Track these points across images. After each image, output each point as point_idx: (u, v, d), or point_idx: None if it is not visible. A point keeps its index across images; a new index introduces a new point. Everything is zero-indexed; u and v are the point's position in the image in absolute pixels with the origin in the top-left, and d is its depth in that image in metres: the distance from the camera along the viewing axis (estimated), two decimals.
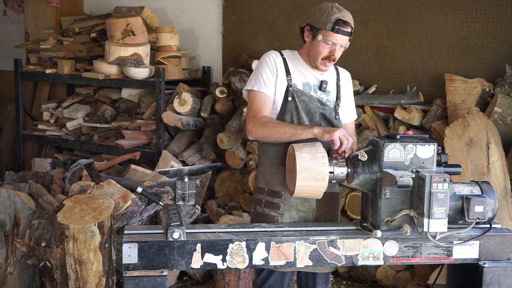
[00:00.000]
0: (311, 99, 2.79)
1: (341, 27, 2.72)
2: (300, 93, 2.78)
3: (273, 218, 2.79)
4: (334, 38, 2.72)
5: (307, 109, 2.78)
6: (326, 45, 2.74)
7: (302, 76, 2.82)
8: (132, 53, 4.93)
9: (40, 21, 6.26)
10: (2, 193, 3.54)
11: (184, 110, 4.87)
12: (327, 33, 2.72)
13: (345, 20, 2.73)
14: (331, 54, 2.75)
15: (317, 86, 2.83)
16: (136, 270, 2.23)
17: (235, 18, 5.23)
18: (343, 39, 2.75)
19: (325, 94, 2.84)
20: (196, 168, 2.54)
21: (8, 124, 6.40)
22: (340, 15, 2.72)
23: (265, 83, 2.77)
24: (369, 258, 2.37)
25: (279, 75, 2.78)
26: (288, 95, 2.76)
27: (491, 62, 4.18)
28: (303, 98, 2.78)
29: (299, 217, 2.79)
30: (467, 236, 2.35)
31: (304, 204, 2.79)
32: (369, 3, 4.62)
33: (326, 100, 2.83)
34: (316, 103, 2.80)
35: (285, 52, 2.88)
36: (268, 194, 2.82)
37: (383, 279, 4.35)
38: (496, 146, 3.72)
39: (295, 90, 2.77)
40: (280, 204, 2.79)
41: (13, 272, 3.57)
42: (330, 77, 2.90)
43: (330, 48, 2.75)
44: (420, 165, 2.33)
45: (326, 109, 2.82)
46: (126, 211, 3.68)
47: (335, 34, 2.72)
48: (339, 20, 2.71)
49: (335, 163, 2.45)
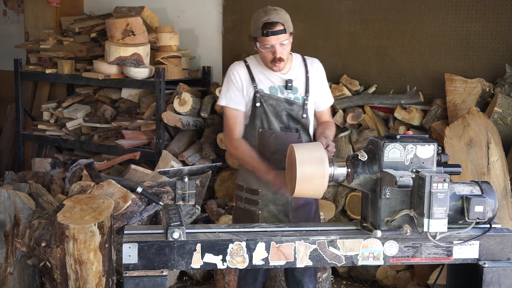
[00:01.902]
0: (278, 101, 2.92)
1: (270, 29, 2.81)
2: (268, 97, 2.92)
3: (254, 213, 3.02)
4: (267, 41, 2.83)
5: (275, 111, 2.92)
6: (266, 49, 2.86)
7: (267, 80, 2.94)
8: (132, 53, 4.93)
9: (40, 21, 6.26)
10: (2, 193, 3.54)
11: (184, 110, 4.87)
12: (261, 39, 2.83)
13: (272, 21, 2.81)
14: (274, 55, 2.86)
15: (283, 86, 2.95)
16: (136, 270, 2.23)
17: (235, 18, 5.23)
18: (277, 38, 2.83)
19: (293, 92, 2.95)
20: (196, 168, 2.54)
21: (8, 124, 6.40)
22: (265, 18, 2.82)
23: (232, 97, 2.95)
24: (369, 258, 2.37)
25: (244, 85, 2.94)
26: (256, 101, 2.91)
27: (491, 62, 4.18)
28: (270, 102, 2.92)
29: (277, 210, 3.01)
30: (467, 236, 2.35)
31: (280, 198, 2.98)
32: (369, 3, 4.62)
33: (294, 98, 2.95)
34: (283, 105, 2.93)
35: (249, 59, 3.02)
36: (247, 192, 3.04)
37: (383, 279, 4.35)
38: (496, 146, 3.73)
39: (262, 95, 2.92)
40: (258, 201, 3.01)
41: (13, 272, 3.57)
42: (298, 72, 3.00)
43: (270, 50, 2.85)
44: (420, 165, 2.32)
45: (294, 108, 2.94)
46: (126, 211, 3.68)
47: (266, 37, 2.82)
48: (266, 23, 2.81)
49: (335, 163, 2.45)
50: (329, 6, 4.78)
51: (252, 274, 3.10)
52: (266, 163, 2.90)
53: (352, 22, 4.70)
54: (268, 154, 2.94)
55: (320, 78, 3.08)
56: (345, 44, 4.75)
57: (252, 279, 3.11)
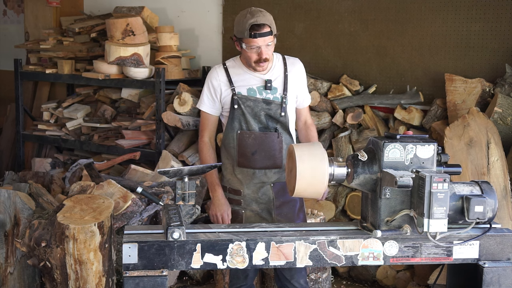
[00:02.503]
0: (256, 102, 3.01)
1: (257, 31, 2.89)
2: (245, 99, 3.01)
3: (238, 212, 3.14)
4: (254, 42, 2.91)
5: (253, 112, 3.02)
6: (251, 50, 2.94)
7: (246, 82, 3.04)
8: (132, 53, 4.93)
9: (40, 21, 6.26)
10: (2, 193, 3.54)
11: (184, 110, 4.87)
12: (247, 40, 2.92)
13: (259, 24, 2.89)
14: (260, 56, 2.94)
15: (262, 86, 3.04)
16: (136, 270, 2.23)
17: (235, 18, 5.22)
18: (264, 40, 2.91)
19: (272, 92, 3.04)
20: (196, 168, 2.54)
21: (8, 124, 6.40)
22: (252, 20, 2.89)
23: (205, 102, 3.11)
24: (369, 258, 2.37)
25: (222, 88, 3.05)
26: (234, 103, 3.02)
27: (491, 62, 4.18)
28: (248, 103, 3.02)
29: (261, 209, 3.12)
30: (467, 236, 2.35)
31: (262, 197, 3.09)
32: (369, 3, 4.62)
33: (273, 97, 3.03)
34: (261, 105, 3.02)
35: (228, 62, 3.12)
36: (230, 192, 3.16)
37: (383, 279, 4.35)
38: (496, 146, 3.73)
39: (239, 97, 3.01)
40: (241, 200, 3.12)
41: (13, 272, 3.57)
42: (277, 71, 3.07)
43: (257, 51, 2.94)
44: (420, 165, 2.32)
45: (271, 107, 3.03)
46: (126, 211, 3.68)
47: (253, 39, 2.90)
48: (253, 25, 2.89)
49: (335, 163, 2.45)
50: (329, 6, 4.78)
51: (242, 271, 3.14)
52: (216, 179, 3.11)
53: (352, 22, 4.70)
54: (248, 155, 3.04)
55: (300, 78, 3.15)
56: (345, 44, 4.75)
57: (243, 275, 3.17)
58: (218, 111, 3.12)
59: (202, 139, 3.17)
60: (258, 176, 3.08)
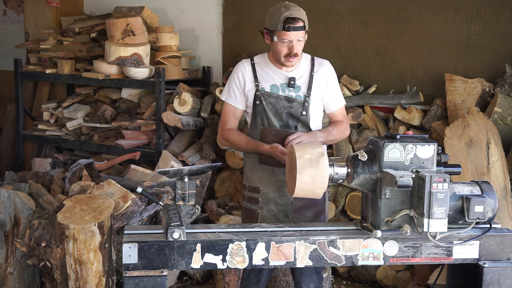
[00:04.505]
0: (278, 99, 2.99)
1: (291, 24, 2.87)
2: (268, 96, 3.00)
3: (254, 212, 3.07)
4: (287, 36, 2.89)
5: (274, 109, 3.00)
6: (283, 44, 2.91)
7: (270, 78, 3.02)
8: (132, 53, 4.93)
9: (40, 21, 6.26)
10: (2, 193, 3.54)
11: (184, 110, 4.87)
12: (280, 33, 2.89)
13: (294, 17, 2.88)
14: (291, 50, 2.92)
15: (285, 84, 3.01)
16: (136, 270, 2.23)
17: (235, 18, 5.23)
18: (297, 34, 2.90)
19: (294, 90, 3.01)
20: (196, 168, 2.54)
21: (8, 124, 6.40)
22: (288, 13, 2.88)
23: (231, 95, 3.08)
24: (369, 258, 2.37)
25: (247, 84, 3.04)
26: (256, 99, 3.00)
27: (491, 62, 4.18)
28: (270, 100, 3.00)
29: (278, 210, 3.05)
30: (467, 236, 2.35)
31: (281, 197, 3.02)
32: (369, 3, 4.62)
33: (295, 96, 3.00)
34: (283, 102, 2.99)
35: (256, 57, 3.10)
36: (249, 190, 3.10)
37: (383, 279, 4.35)
38: (496, 146, 3.73)
39: (262, 93, 3.00)
40: (259, 199, 3.06)
41: (13, 272, 3.57)
42: (303, 70, 3.04)
43: (288, 45, 2.92)
44: (420, 165, 2.32)
45: (293, 106, 2.99)
46: (126, 211, 3.68)
47: (287, 32, 2.88)
48: (288, 18, 2.87)
49: (335, 163, 2.45)
50: (329, 6, 4.78)
51: (255, 275, 3.11)
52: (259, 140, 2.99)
53: (352, 22, 4.70)
54: None
55: (328, 79, 3.09)
56: (345, 44, 4.75)
57: (255, 279, 3.12)
58: (241, 104, 3.08)
59: (224, 128, 3.10)
60: (277, 174, 3.01)
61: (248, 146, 3.02)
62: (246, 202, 3.12)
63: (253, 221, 3.04)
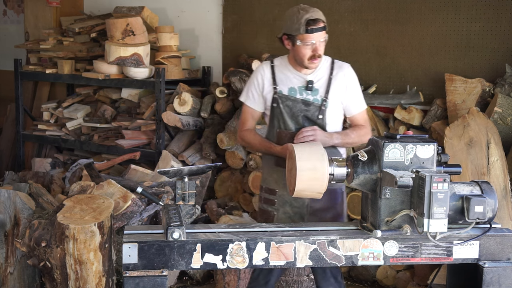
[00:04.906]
0: (295, 103, 2.98)
1: (313, 25, 2.87)
2: (285, 99, 2.98)
3: (270, 213, 3.06)
4: (310, 38, 2.88)
5: (291, 113, 2.98)
6: (306, 47, 2.90)
7: (288, 81, 3.01)
8: (132, 53, 4.93)
9: (40, 21, 6.26)
10: (2, 193, 3.54)
11: (184, 110, 4.87)
12: (303, 36, 2.88)
13: (314, 18, 2.87)
14: (315, 52, 2.91)
15: (303, 87, 3.00)
16: (136, 270, 2.23)
17: (235, 18, 5.23)
18: (319, 35, 2.90)
19: (312, 94, 2.99)
20: (196, 168, 2.54)
21: (8, 124, 6.40)
22: (308, 15, 2.87)
23: (250, 97, 3.09)
24: (369, 258, 2.37)
25: (265, 86, 3.03)
26: (274, 102, 3.00)
27: (491, 62, 4.18)
28: (287, 103, 2.98)
29: (293, 212, 3.03)
30: (467, 236, 2.35)
31: (297, 200, 2.99)
32: (369, 3, 4.62)
33: (313, 99, 2.97)
34: (299, 106, 2.97)
35: (276, 60, 3.09)
36: (266, 192, 3.10)
37: (383, 279, 4.35)
38: (496, 146, 3.73)
39: (280, 96, 2.99)
40: (275, 201, 3.05)
41: (13, 272, 3.57)
42: (321, 73, 3.02)
43: (312, 47, 2.91)
44: (420, 165, 2.32)
45: (310, 109, 2.97)
46: (126, 211, 3.68)
47: (310, 34, 2.87)
48: (309, 20, 2.86)
49: (335, 163, 2.45)
50: (329, 6, 4.78)
51: (263, 276, 3.09)
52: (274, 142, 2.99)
53: (352, 22, 4.70)
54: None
55: (348, 83, 3.05)
56: (345, 44, 4.74)
57: (263, 280, 3.10)
58: (259, 106, 3.09)
59: (242, 129, 3.12)
60: None
61: (261, 147, 3.04)
62: (262, 203, 3.11)
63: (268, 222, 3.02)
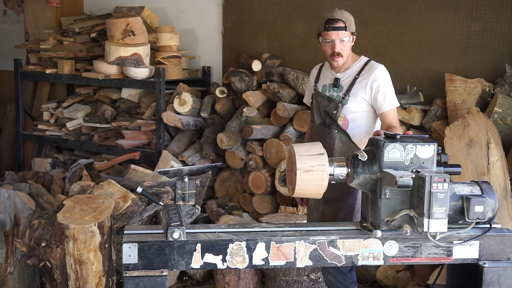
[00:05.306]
0: (323, 98, 3.18)
1: (331, 24, 3.03)
2: (317, 95, 3.21)
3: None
4: (328, 36, 3.05)
5: (318, 107, 3.19)
6: (326, 44, 3.08)
7: (325, 79, 3.23)
8: (132, 53, 4.93)
9: (40, 21, 6.26)
10: (2, 193, 3.54)
11: (184, 110, 4.87)
12: (323, 33, 3.07)
13: (334, 18, 3.04)
14: (333, 50, 3.06)
15: (332, 84, 3.18)
16: (136, 270, 2.23)
17: (235, 18, 5.23)
18: (337, 34, 3.04)
19: (337, 91, 3.15)
20: (196, 168, 2.54)
21: (8, 124, 6.40)
22: (329, 15, 3.06)
23: (306, 94, 3.43)
24: (369, 258, 2.37)
25: (311, 83, 3.32)
26: (312, 98, 3.26)
27: (491, 62, 4.18)
28: (318, 98, 3.20)
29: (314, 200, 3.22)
30: (467, 236, 2.35)
31: None
32: (369, 3, 4.61)
33: (336, 96, 3.14)
34: (324, 102, 3.17)
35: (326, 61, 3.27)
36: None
37: (383, 279, 4.35)
38: (496, 146, 3.72)
39: (316, 92, 3.23)
40: None
41: (13, 272, 3.57)
42: (350, 72, 3.15)
43: (330, 45, 3.06)
44: (420, 165, 2.33)
45: (330, 105, 3.14)
46: (126, 211, 3.68)
47: (328, 32, 3.04)
48: (329, 19, 3.05)
49: (335, 163, 2.46)
50: (329, 6, 4.77)
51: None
52: None
53: None
54: None
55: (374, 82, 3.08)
56: None
57: None
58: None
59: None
60: None
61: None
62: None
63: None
